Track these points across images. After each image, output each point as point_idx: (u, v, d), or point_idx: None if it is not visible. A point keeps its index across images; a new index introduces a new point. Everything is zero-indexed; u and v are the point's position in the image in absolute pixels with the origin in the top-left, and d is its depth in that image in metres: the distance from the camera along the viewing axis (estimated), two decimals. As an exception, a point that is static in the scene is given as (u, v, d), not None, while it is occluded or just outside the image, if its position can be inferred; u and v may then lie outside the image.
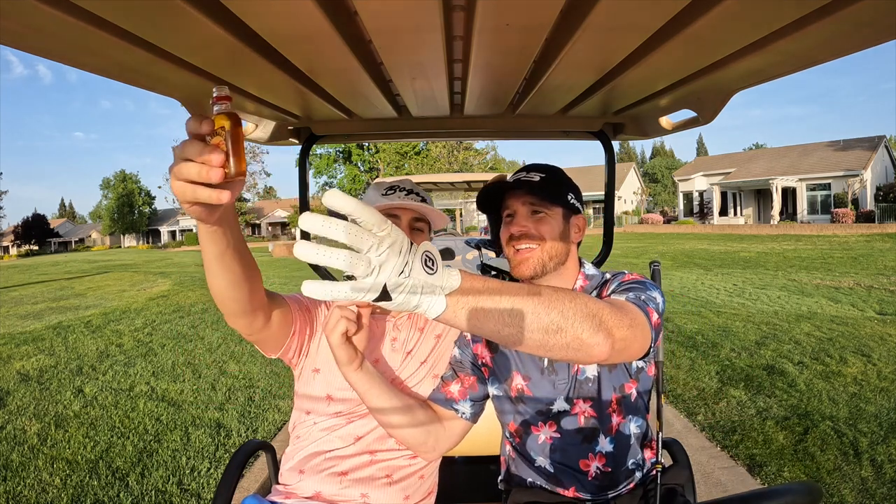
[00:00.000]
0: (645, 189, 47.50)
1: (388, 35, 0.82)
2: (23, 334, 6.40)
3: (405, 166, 30.58)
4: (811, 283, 8.95)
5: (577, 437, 1.11)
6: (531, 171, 1.14)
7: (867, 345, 4.67)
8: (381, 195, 1.21)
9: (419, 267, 0.61)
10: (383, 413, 1.07)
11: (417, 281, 0.60)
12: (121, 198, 53.75)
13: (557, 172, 1.16)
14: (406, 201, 1.18)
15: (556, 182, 1.13)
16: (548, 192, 1.11)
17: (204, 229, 0.81)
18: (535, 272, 1.10)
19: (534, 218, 1.11)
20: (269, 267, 17.44)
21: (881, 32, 0.75)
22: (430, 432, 1.12)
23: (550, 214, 1.11)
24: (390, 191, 1.22)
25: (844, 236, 19.69)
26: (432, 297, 0.62)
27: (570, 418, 1.11)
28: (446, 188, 5.16)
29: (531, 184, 1.10)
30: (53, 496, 2.52)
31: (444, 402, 1.17)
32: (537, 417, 1.14)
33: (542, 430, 1.14)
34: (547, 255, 1.10)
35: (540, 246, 1.09)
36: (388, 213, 1.19)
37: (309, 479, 1.15)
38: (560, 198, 1.12)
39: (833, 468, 2.54)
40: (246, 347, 5.36)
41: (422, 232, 1.23)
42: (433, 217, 1.23)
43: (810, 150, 30.45)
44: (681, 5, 0.71)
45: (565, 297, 0.72)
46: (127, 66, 0.88)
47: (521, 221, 1.11)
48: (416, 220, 1.21)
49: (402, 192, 1.21)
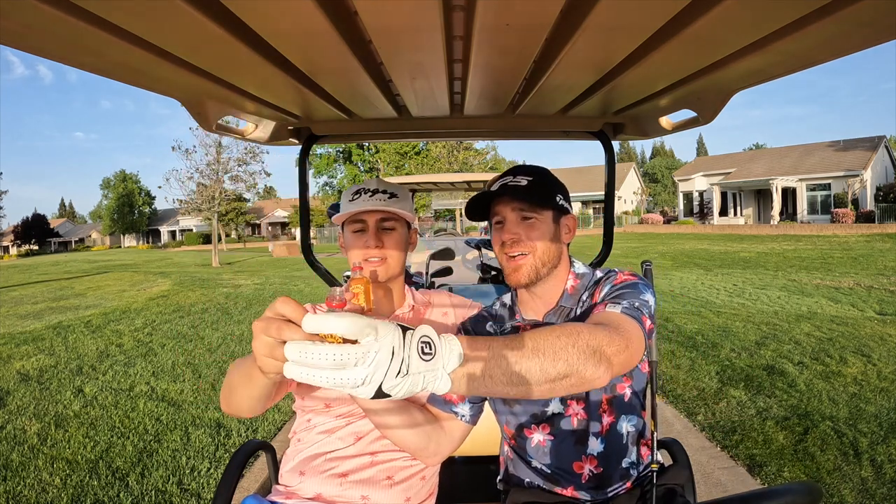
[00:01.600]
0: (645, 189, 47.50)
1: (388, 35, 0.83)
2: (23, 334, 6.40)
3: (405, 166, 30.57)
4: (811, 283, 8.95)
5: (570, 440, 1.11)
6: (517, 174, 1.11)
7: (867, 345, 4.67)
8: (349, 202, 1.21)
9: (416, 358, 0.62)
10: (382, 418, 1.05)
11: (417, 371, 0.62)
12: (121, 198, 53.74)
13: (544, 174, 1.14)
14: (371, 203, 1.17)
15: (544, 185, 1.11)
16: (536, 197, 1.09)
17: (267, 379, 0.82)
18: (529, 279, 1.09)
19: (524, 224, 1.09)
20: (269, 267, 17.45)
21: (881, 32, 0.75)
22: (430, 437, 1.10)
23: (540, 219, 1.09)
24: (356, 195, 1.21)
25: (844, 236, 19.70)
26: (435, 380, 0.65)
27: (564, 420, 1.11)
28: (446, 188, 5.16)
29: (518, 189, 1.08)
30: (53, 496, 2.52)
31: (442, 405, 1.16)
32: (531, 420, 1.13)
33: (535, 432, 1.13)
34: (540, 261, 1.09)
35: (532, 253, 1.08)
36: (353, 219, 1.19)
37: (310, 480, 1.15)
38: (549, 200, 1.10)
39: (833, 468, 2.54)
40: (246, 348, 5.36)
41: (393, 230, 1.21)
42: (400, 213, 1.21)
43: (810, 150, 30.45)
44: (681, 5, 0.71)
45: (568, 343, 0.73)
46: (127, 66, 0.88)
47: (511, 228, 1.09)
48: (383, 220, 1.20)
49: (366, 193, 1.20)
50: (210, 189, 21.79)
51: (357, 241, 1.20)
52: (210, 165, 21.69)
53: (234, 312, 7.59)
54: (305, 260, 1.88)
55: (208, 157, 21.61)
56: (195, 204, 22.50)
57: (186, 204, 22.73)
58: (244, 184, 23.11)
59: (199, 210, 23.14)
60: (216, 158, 21.64)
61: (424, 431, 1.09)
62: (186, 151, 21.10)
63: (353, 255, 1.20)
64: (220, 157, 21.68)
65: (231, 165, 22.05)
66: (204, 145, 21.38)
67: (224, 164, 21.87)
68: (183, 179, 21.57)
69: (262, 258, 23.61)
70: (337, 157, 37.58)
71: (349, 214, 1.19)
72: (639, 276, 1.11)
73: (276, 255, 24.14)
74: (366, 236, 1.19)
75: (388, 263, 1.19)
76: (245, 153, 21.83)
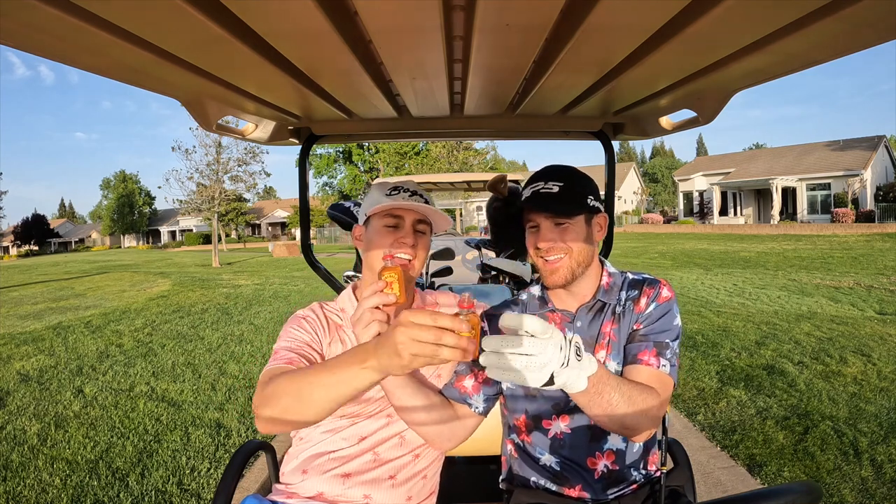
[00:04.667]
0: (645, 189, 47.50)
1: (388, 35, 0.83)
2: (23, 334, 6.40)
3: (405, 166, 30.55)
4: (811, 282, 8.95)
5: (587, 434, 1.12)
6: (549, 179, 1.12)
7: (867, 344, 4.67)
8: (385, 195, 1.19)
9: (573, 357, 0.83)
10: (407, 410, 1.09)
11: (572, 367, 0.83)
12: (121, 198, 53.73)
13: (573, 176, 1.14)
14: (410, 202, 1.17)
15: (574, 188, 1.12)
16: (569, 204, 1.11)
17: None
18: (566, 280, 1.11)
19: (558, 229, 1.11)
20: (269, 267, 17.45)
21: (881, 32, 0.75)
22: (446, 422, 1.14)
23: (574, 223, 1.11)
24: (394, 191, 1.20)
25: (844, 236, 19.70)
26: (578, 379, 0.85)
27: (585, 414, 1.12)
28: (446, 188, 5.16)
29: (551, 196, 1.10)
30: (53, 496, 2.52)
31: (457, 396, 1.18)
32: (552, 410, 1.15)
33: (553, 423, 1.15)
34: (575, 262, 1.11)
35: (568, 255, 1.10)
36: (391, 213, 1.17)
37: (312, 479, 1.15)
38: (582, 205, 1.12)
39: (833, 468, 2.54)
40: (246, 348, 5.36)
41: (424, 234, 1.21)
42: (436, 219, 1.22)
43: (810, 149, 30.45)
44: (681, 5, 0.71)
45: (647, 405, 0.99)
46: (127, 65, 0.88)
47: (546, 235, 1.11)
48: (419, 221, 1.20)
49: (405, 192, 1.20)
50: (210, 189, 21.77)
51: (388, 235, 1.17)
52: (210, 166, 21.67)
53: (234, 313, 7.58)
54: (305, 260, 1.88)
55: (208, 158, 21.60)
56: (195, 204, 22.49)
57: (186, 204, 22.72)
58: (244, 184, 23.11)
59: (198, 210, 23.13)
60: (216, 158, 21.62)
61: (441, 416, 1.13)
62: (186, 151, 21.08)
63: (380, 249, 1.17)
64: (219, 158, 21.66)
65: (231, 165, 22.02)
66: (204, 145, 21.35)
67: (224, 165, 21.85)
68: (183, 179, 21.57)
69: (262, 258, 23.61)
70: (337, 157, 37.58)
71: (390, 206, 1.16)
72: (675, 298, 1.16)
73: (276, 256, 24.12)
74: (400, 232, 1.17)
75: (414, 265, 1.18)
76: (245, 153, 21.82)
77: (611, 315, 1.15)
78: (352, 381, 0.85)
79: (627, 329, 1.13)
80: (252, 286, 10.94)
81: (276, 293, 9.67)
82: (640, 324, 1.12)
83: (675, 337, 1.11)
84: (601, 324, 1.15)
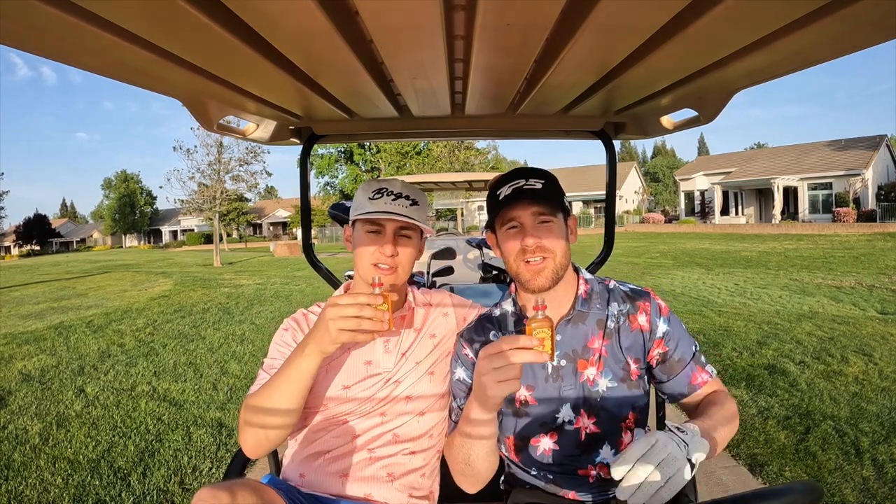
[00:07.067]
0: (646, 188, 47.45)
1: (389, 34, 0.83)
2: (24, 334, 6.41)
3: (406, 166, 30.57)
4: (812, 282, 8.94)
5: (576, 449, 1.10)
6: (530, 177, 1.09)
7: (868, 344, 4.66)
8: (369, 199, 1.16)
9: (680, 434, 0.82)
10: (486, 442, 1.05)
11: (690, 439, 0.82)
12: (122, 198, 53.82)
13: (550, 175, 1.13)
14: (392, 207, 1.14)
15: (555, 187, 1.11)
16: (553, 200, 1.08)
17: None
18: (551, 282, 1.07)
19: (543, 227, 1.07)
20: (270, 267, 17.46)
21: (881, 32, 0.75)
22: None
23: (556, 221, 1.09)
24: (377, 194, 1.16)
25: (846, 235, 19.66)
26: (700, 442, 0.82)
27: (572, 430, 1.10)
28: (447, 188, 5.16)
29: (536, 192, 1.07)
30: (55, 496, 2.53)
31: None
32: (539, 429, 1.12)
33: (541, 440, 1.12)
34: (559, 263, 1.08)
35: (552, 256, 1.07)
36: (371, 220, 1.16)
37: (311, 478, 1.15)
38: (561, 203, 1.11)
39: (834, 468, 2.53)
40: (247, 347, 5.37)
41: (409, 238, 1.19)
42: (421, 225, 1.18)
43: (811, 149, 30.41)
44: (681, 5, 0.71)
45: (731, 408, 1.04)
46: (128, 65, 0.88)
47: (531, 233, 1.07)
48: (401, 228, 1.17)
49: (389, 195, 1.16)
50: (211, 189, 21.79)
51: (370, 242, 1.16)
52: (211, 165, 21.69)
53: (235, 312, 7.59)
54: (307, 260, 1.88)
55: (209, 157, 21.63)
56: (196, 204, 22.52)
57: (188, 204, 22.74)
58: (245, 184, 23.12)
59: (200, 210, 23.14)
60: (217, 158, 21.63)
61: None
62: (188, 151, 21.11)
63: (363, 256, 1.16)
64: (221, 157, 21.67)
65: (232, 165, 22.04)
66: (205, 145, 21.37)
67: (225, 164, 21.87)
68: (184, 179, 21.59)
69: (264, 258, 23.63)
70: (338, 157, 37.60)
71: (368, 216, 1.15)
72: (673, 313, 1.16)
73: (278, 255, 24.14)
74: (381, 240, 1.15)
75: (398, 273, 1.16)
76: (246, 153, 21.83)
77: (598, 329, 1.11)
78: (300, 372, 0.99)
79: (627, 347, 1.10)
80: (253, 286, 10.95)
81: (277, 293, 9.68)
82: (663, 346, 1.11)
83: (693, 339, 1.15)
84: (586, 338, 1.11)
